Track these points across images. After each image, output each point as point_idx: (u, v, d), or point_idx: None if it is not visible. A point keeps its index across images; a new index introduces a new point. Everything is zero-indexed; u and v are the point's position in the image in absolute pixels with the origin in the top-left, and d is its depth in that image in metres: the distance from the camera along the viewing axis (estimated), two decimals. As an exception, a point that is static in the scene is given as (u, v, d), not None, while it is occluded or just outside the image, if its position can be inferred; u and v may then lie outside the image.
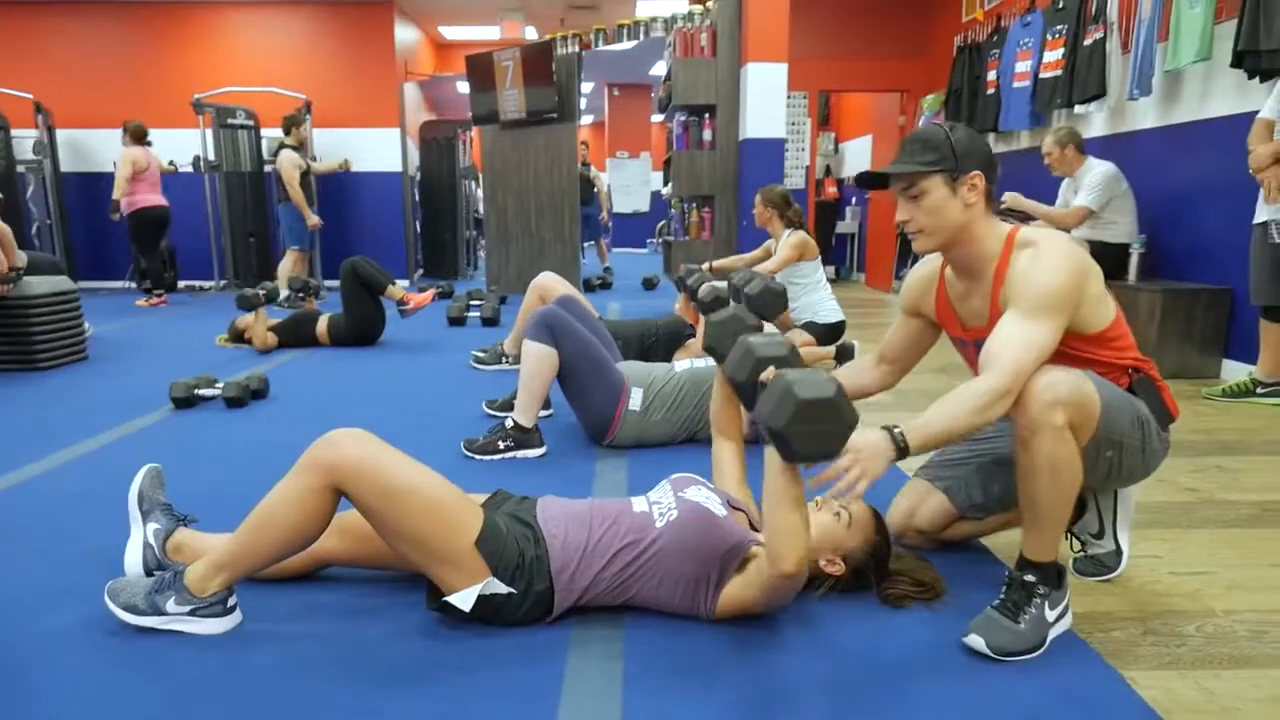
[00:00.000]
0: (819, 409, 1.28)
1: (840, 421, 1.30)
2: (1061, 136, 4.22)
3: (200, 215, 7.87)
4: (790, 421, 1.28)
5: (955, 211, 1.57)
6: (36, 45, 7.97)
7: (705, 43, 5.54)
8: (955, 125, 1.59)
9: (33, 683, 1.40)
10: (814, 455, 1.32)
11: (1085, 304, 1.53)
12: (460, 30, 9.88)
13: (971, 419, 1.42)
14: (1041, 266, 1.50)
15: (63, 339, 4.16)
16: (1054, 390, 1.43)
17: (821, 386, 1.30)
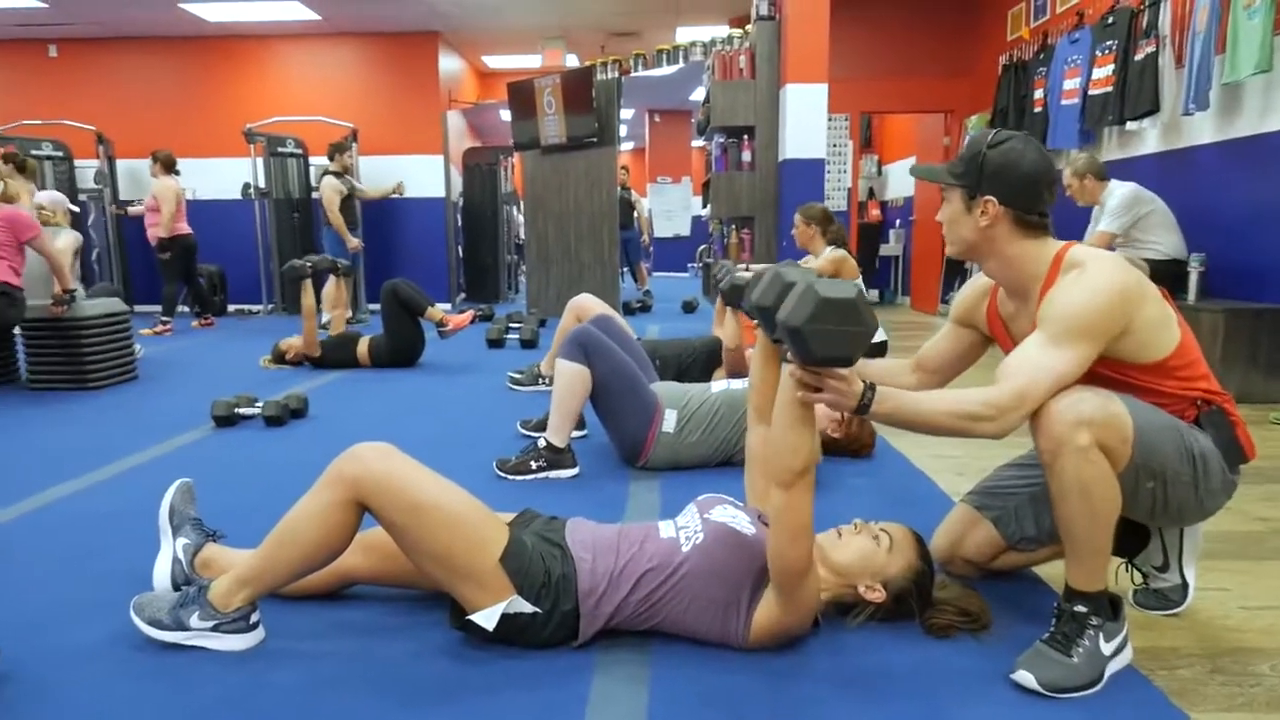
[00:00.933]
0: (840, 308, 1.25)
1: (860, 323, 1.27)
2: (1079, 168, 4.11)
3: (250, 241, 8.08)
4: (810, 319, 1.25)
5: (968, 228, 1.52)
6: (99, 79, 8.31)
7: (744, 65, 5.53)
8: (1011, 138, 1.49)
9: (58, 696, 1.39)
10: (831, 356, 1.29)
11: (1137, 330, 1.43)
12: (503, 59, 10.06)
13: (952, 421, 1.37)
14: (1078, 288, 1.41)
15: (113, 359, 4.26)
16: (1077, 409, 1.35)
17: (844, 289, 1.27)
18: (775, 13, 5.41)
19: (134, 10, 7.49)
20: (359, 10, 7.78)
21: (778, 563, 1.42)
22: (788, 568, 1.41)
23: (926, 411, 1.39)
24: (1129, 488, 1.42)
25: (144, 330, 6.36)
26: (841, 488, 2.54)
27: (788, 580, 1.43)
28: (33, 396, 4.02)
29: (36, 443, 3.15)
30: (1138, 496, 1.46)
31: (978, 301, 1.75)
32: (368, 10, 7.78)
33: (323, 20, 7.94)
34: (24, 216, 3.90)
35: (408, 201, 8.55)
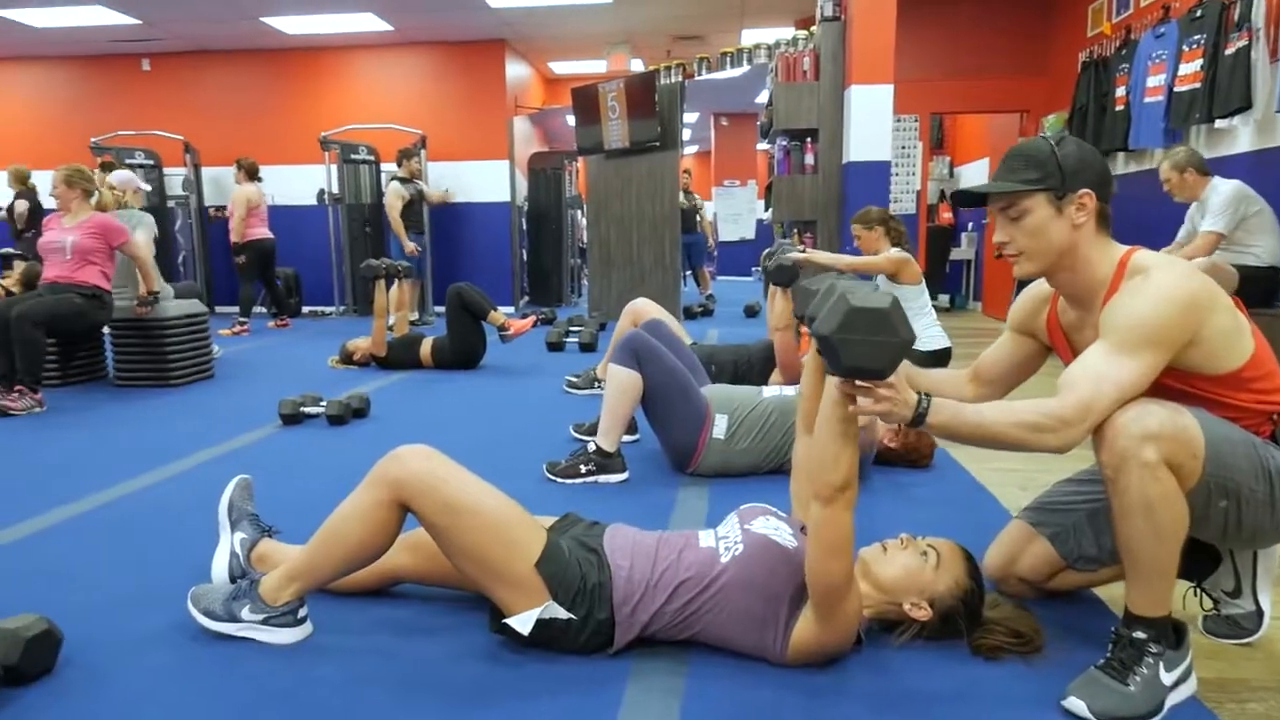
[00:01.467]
0: (871, 318, 1.22)
1: (892, 333, 1.23)
2: (1179, 160, 3.88)
3: (324, 245, 8.35)
4: (839, 328, 1.22)
5: (1060, 233, 1.43)
6: (187, 91, 8.72)
7: (808, 66, 5.46)
8: (1065, 138, 1.45)
9: (113, 681, 1.46)
10: (860, 367, 1.25)
11: (1207, 340, 1.35)
12: (568, 65, 10.15)
13: (1013, 432, 1.31)
14: (1143, 296, 1.34)
15: (193, 358, 4.46)
16: (1143, 422, 1.28)
17: (878, 298, 1.24)
18: (840, 13, 5.33)
19: (219, 25, 7.84)
20: (429, 20, 7.97)
21: (816, 579, 1.39)
22: (827, 585, 1.38)
23: (987, 423, 1.33)
24: (1199, 507, 1.35)
25: (222, 330, 6.63)
26: (897, 499, 2.48)
27: (826, 598, 1.39)
28: (117, 393, 4.24)
29: (117, 437, 3.32)
30: (1209, 516, 1.37)
31: (1037, 309, 1.67)
32: (438, 20, 7.97)
33: (394, 30, 8.16)
34: (115, 223, 4.11)
35: (473, 206, 8.72)
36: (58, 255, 3.97)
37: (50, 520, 2.32)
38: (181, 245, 8.57)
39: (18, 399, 3.65)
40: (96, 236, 4.00)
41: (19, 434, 3.36)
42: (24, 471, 2.83)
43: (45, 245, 4.03)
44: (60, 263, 3.97)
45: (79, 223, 4.02)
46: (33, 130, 8.87)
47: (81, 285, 3.97)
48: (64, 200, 4.01)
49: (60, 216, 4.06)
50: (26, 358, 3.67)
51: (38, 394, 3.74)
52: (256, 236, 6.88)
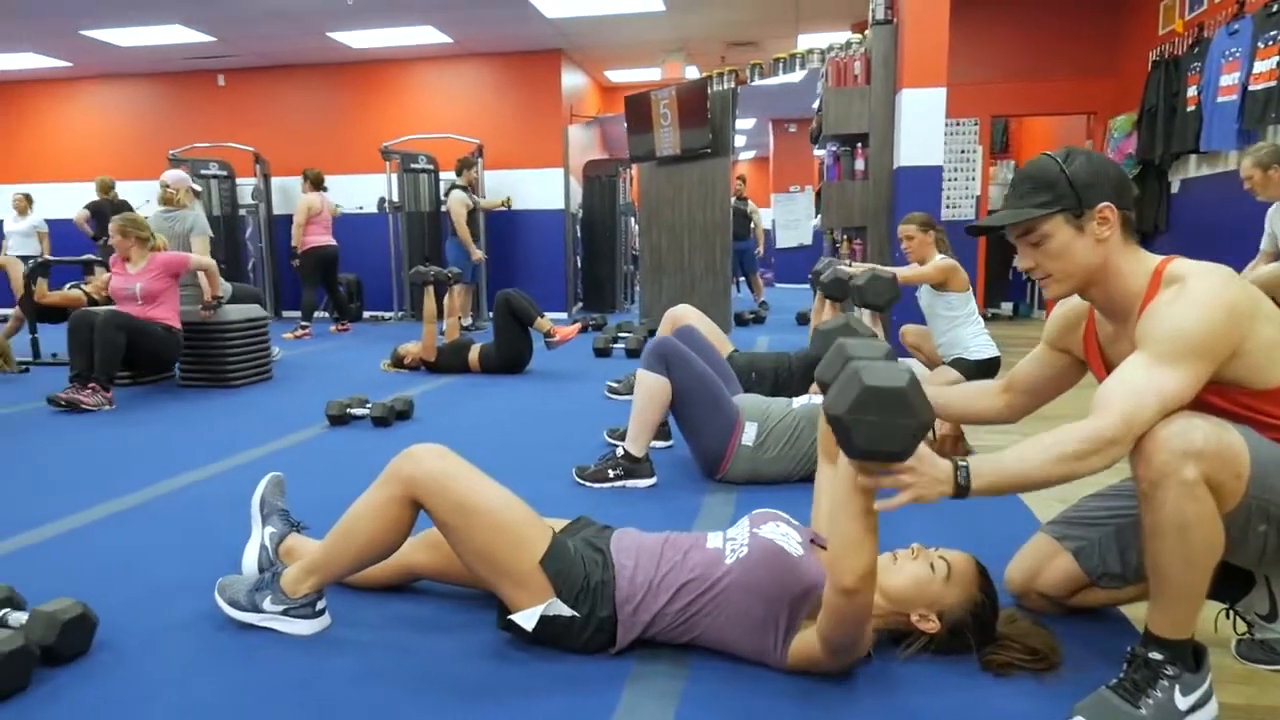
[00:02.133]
0: (886, 398, 1.14)
1: (909, 415, 1.15)
2: (1263, 157, 3.68)
3: (384, 252, 8.60)
4: (852, 408, 1.14)
5: (1085, 251, 1.37)
6: (258, 104, 9.11)
7: (859, 71, 5.38)
8: (1071, 153, 1.40)
9: (141, 664, 1.54)
10: (876, 450, 1.18)
11: (1250, 352, 1.28)
12: (624, 74, 10.24)
13: (1059, 467, 1.23)
14: (1181, 304, 1.28)
15: (252, 360, 4.65)
16: (1187, 438, 1.22)
17: (894, 375, 1.15)
18: (892, 16, 5.24)
19: (289, 40, 8.16)
20: (487, 32, 8.14)
21: (831, 655, 1.38)
22: (840, 645, 1.37)
23: (1030, 470, 1.25)
24: (1237, 530, 1.29)
25: (285, 334, 6.89)
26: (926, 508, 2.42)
27: (839, 658, 1.40)
28: (181, 393, 4.45)
29: (174, 435, 3.48)
30: (1246, 540, 1.31)
31: (1074, 323, 1.61)
32: (495, 31, 8.14)
33: (453, 43, 8.37)
34: (174, 258, 4.28)
35: (528, 213, 8.85)
36: (129, 300, 4.18)
37: (105, 511, 2.46)
38: (251, 252, 8.94)
39: (90, 395, 3.86)
40: (160, 278, 4.20)
41: (87, 429, 3.56)
42: (85, 465, 2.99)
43: (116, 291, 4.24)
44: (133, 306, 4.17)
45: (141, 269, 4.21)
46: (118, 143, 9.38)
47: (155, 323, 4.19)
48: (122, 249, 4.21)
49: (123, 262, 4.26)
50: (105, 358, 3.89)
51: (109, 393, 3.95)
52: (317, 244, 7.11)
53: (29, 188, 8.87)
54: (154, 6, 7.11)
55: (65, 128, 9.57)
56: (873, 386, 1.14)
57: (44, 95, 9.54)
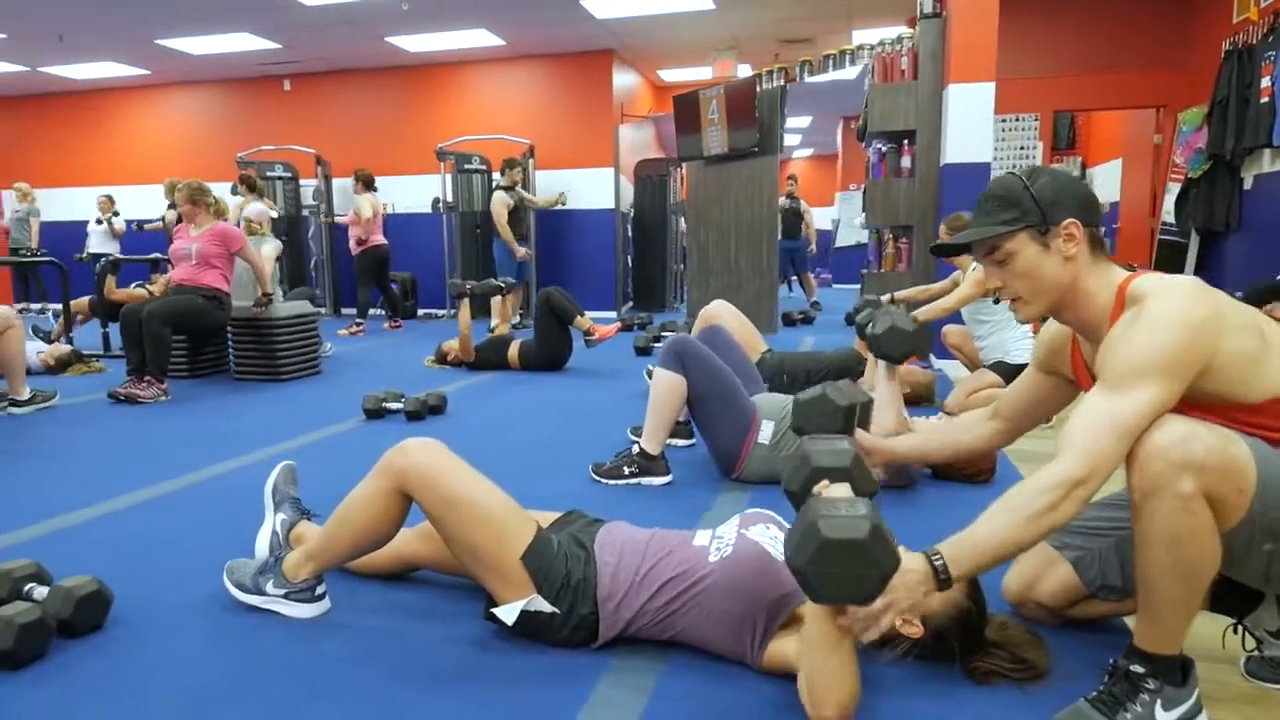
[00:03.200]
0: (845, 551, 1.11)
1: (871, 566, 1.12)
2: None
3: (437, 251, 8.79)
4: (811, 561, 1.13)
5: (1053, 270, 1.35)
6: (320, 108, 9.42)
7: (906, 66, 5.27)
8: (1036, 171, 1.38)
9: (149, 639, 1.62)
10: (839, 600, 1.17)
11: (1224, 367, 1.22)
12: (676, 73, 10.23)
13: (1034, 526, 1.19)
14: (1136, 329, 1.23)
15: (301, 355, 4.81)
16: (1186, 448, 1.16)
17: (854, 525, 1.12)
18: (941, 9, 5.12)
19: (349, 45, 8.42)
20: (539, 34, 8.25)
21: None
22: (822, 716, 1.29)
23: (1007, 539, 1.21)
24: (1239, 547, 1.23)
25: (340, 331, 7.10)
26: (942, 514, 2.36)
27: None
28: (234, 385, 4.64)
29: (220, 426, 3.64)
30: (1249, 558, 1.25)
31: (1060, 345, 1.57)
32: (547, 33, 8.24)
33: (506, 45, 8.50)
34: (233, 231, 4.52)
35: (578, 212, 8.94)
36: (185, 260, 4.41)
37: (142, 496, 2.59)
38: (313, 251, 9.25)
39: (146, 388, 4.06)
40: (217, 243, 4.41)
41: (141, 419, 3.75)
42: (131, 453, 3.15)
43: (175, 251, 4.49)
44: (186, 266, 4.40)
45: (202, 232, 4.45)
46: (189, 146, 9.83)
47: (203, 287, 4.39)
48: (189, 214, 4.44)
49: (188, 226, 4.50)
50: (155, 351, 4.09)
51: (163, 384, 4.15)
52: (371, 243, 7.31)
53: (111, 189, 9.37)
54: (223, 15, 7.42)
55: (143, 132, 10.06)
56: (832, 540, 1.12)
57: (124, 102, 10.05)
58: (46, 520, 2.36)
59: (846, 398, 1.75)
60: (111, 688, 1.45)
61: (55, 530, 2.29)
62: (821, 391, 1.76)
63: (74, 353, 5.08)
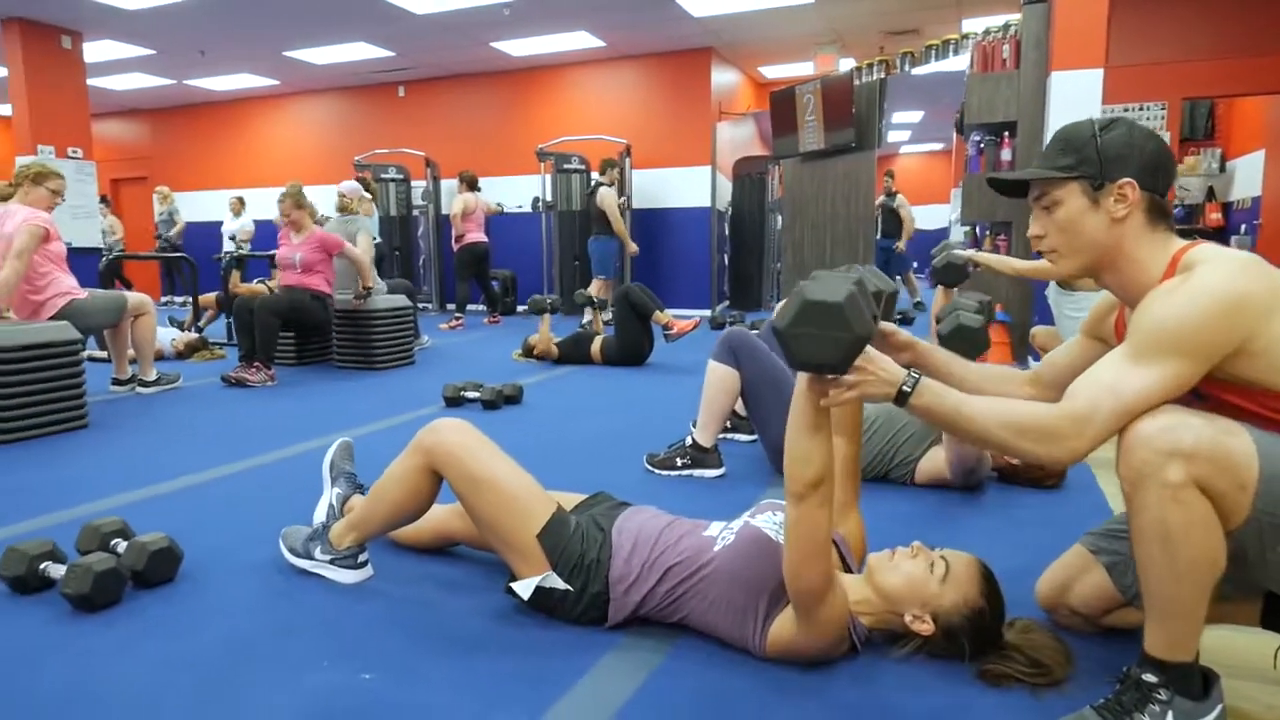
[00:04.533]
0: (823, 312, 1.17)
1: (844, 329, 1.16)
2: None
3: (536, 248, 9.04)
4: (791, 322, 1.19)
5: (1096, 228, 1.27)
6: (430, 112, 9.86)
7: (1008, 54, 5.03)
8: (1116, 120, 1.30)
9: (208, 592, 1.78)
10: (811, 362, 1.22)
11: (1266, 351, 1.14)
12: (778, 69, 10.12)
13: (996, 433, 1.19)
14: (1175, 296, 1.16)
15: (396, 346, 5.08)
16: (1174, 436, 1.10)
17: (835, 289, 1.18)
18: (1048, -7, 4.86)
19: (457, 51, 8.79)
20: (638, 33, 8.36)
21: (791, 581, 1.36)
22: (800, 588, 1.35)
23: (968, 414, 1.22)
24: (1252, 550, 1.15)
25: (442, 325, 7.42)
26: (997, 517, 2.28)
27: (802, 600, 1.36)
28: (334, 373, 4.95)
29: (315, 408, 3.89)
30: (1265, 563, 1.16)
31: (1107, 312, 1.50)
32: (646, 33, 8.33)
33: (606, 46, 8.65)
34: (331, 237, 4.81)
35: (674, 211, 8.99)
36: (290, 268, 4.74)
37: (230, 469, 2.81)
38: (422, 249, 9.70)
39: (254, 373, 4.40)
40: (318, 250, 4.72)
41: (245, 402, 4.06)
42: (230, 431, 3.42)
43: (280, 259, 4.83)
44: (292, 274, 4.73)
45: (303, 240, 4.75)
46: (312, 151, 10.50)
47: (309, 289, 4.73)
48: (295, 219, 4.76)
49: (289, 234, 4.81)
50: (263, 340, 4.42)
51: (270, 370, 4.47)
52: (471, 240, 7.60)
53: (243, 192, 10.13)
54: (342, 26, 7.90)
55: (272, 138, 10.83)
56: (811, 300, 1.18)
57: (256, 111, 10.85)
58: (152, 485, 2.61)
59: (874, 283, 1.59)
60: (168, 632, 1.60)
61: (152, 496, 2.53)
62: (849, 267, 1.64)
63: (201, 340, 5.54)
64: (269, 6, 7.26)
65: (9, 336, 3.14)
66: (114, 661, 1.49)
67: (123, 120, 11.78)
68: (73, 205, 7.69)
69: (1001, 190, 1.46)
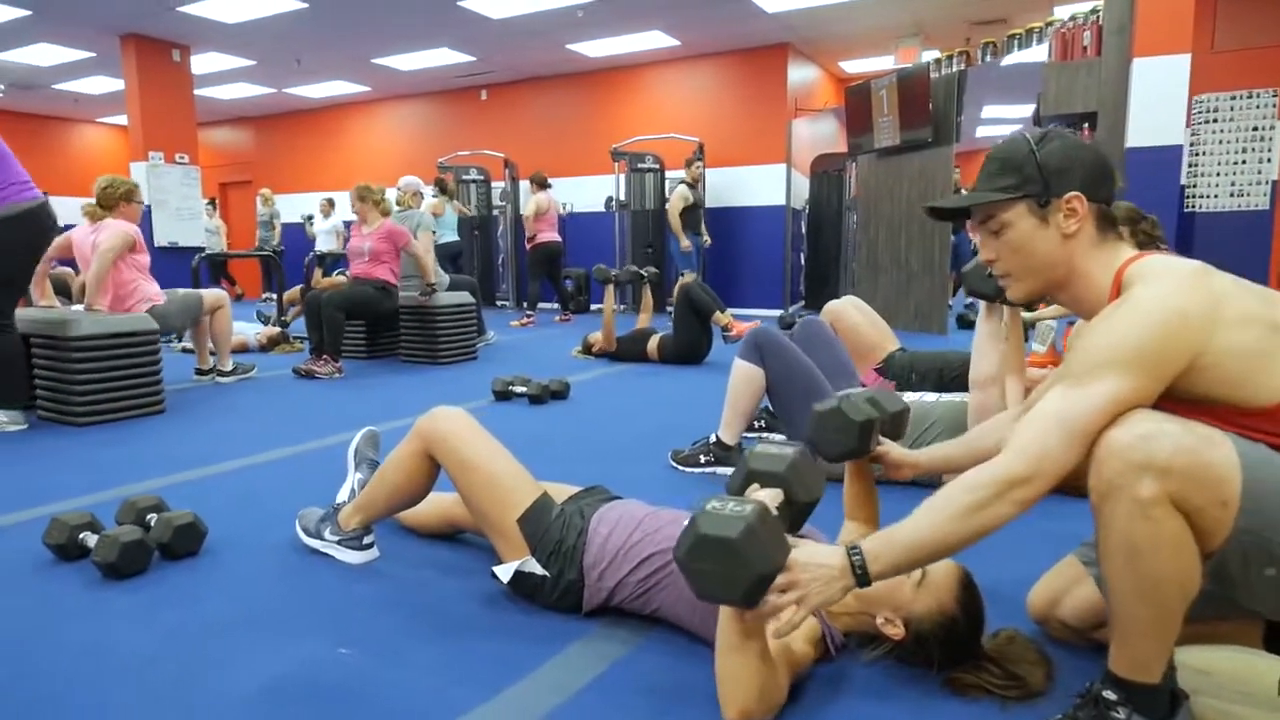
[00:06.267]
0: (716, 548, 1.09)
1: (742, 566, 1.09)
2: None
3: (609, 247, 9.13)
4: (686, 555, 1.12)
5: (1049, 246, 1.22)
6: (509, 114, 10.10)
7: (1088, 41, 4.76)
8: (1049, 133, 1.24)
9: (229, 567, 1.90)
10: (716, 597, 1.14)
11: (1215, 365, 1.06)
12: (859, 64, 9.90)
13: (963, 525, 1.10)
14: (1114, 317, 1.10)
15: (459, 342, 5.24)
16: (1147, 447, 1.03)
17: (729, 523, 1.09)
18: (1135, -24, 4.59)
19: (536, 54, 8.97)
20: (713, 31, 8.33)
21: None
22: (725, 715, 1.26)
23: (933, 537, 1.12)
24: (1236, 571, 1.07)
25: (513, 322, 7.59)
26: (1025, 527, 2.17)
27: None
28: (400, 366, 5.14)
29: (372, 399, 4.07)
30: (1250, 584, 1.08)
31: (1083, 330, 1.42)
32: (721, 31, 8.30)
33: (681, 45, 8.66)
34: (399, 229, 5.00)
35: (748, 209, 8.92)
36: (359, 258, 4.96)
37: (277, 455, 2.97)
38: (501, 248, 9.95)
39: (323, 365, 4.63)
40: (386, 241, 4.92)
41: (312, 391, 4.27)
42: (293, 418, 3.61)
43: (350, 250, 5.04)
44: (361, 264, 4.95)
45: (372, 231, 4.96)
46: (398, 154, 10.93)
47: (375, 280, 4.92)
48: (361, 213, 4.96)
49: (360, 226, 5.03)
50: (330, 333, 4.65)
51: (338, 362, 4.70)
52: (543, 240, 7.75)
53: (334, 194, 10.63)
54: (425, 33, 8.20)
55: (362, 142, 11.32)
56: (704, 534, 1.10)
57: (347, 116, 11.36)
58: (205, 467, 2.79)
59: (863, 413, 1.57)
60: (181, 600, 1.72)
61: (202, 477, 2.70)
62: (836, 404, 1.62)
63: (282, 334, 5.86)
64: (356, 16, 7.60)
65: (94, 326, 3.41)
66: (127, 626, 1.61)
67: (230, 128, 12.56)
68: (178, 207, 8.26)
69: (942, 217, 1.41)
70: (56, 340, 3.39)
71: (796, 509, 1.30)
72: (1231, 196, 6.24)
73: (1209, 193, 6.29)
